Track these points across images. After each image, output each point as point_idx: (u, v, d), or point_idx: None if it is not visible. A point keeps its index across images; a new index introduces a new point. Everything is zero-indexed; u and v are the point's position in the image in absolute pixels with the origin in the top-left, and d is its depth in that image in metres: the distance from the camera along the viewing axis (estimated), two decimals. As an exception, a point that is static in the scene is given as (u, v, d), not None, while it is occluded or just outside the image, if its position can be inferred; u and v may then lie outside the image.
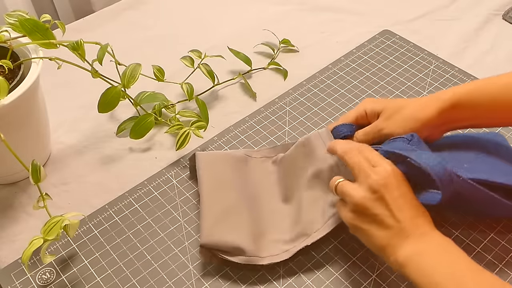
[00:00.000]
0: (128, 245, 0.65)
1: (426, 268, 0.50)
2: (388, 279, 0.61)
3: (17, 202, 0.71)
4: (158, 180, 0.72)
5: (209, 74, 0.82)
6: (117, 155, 0.76)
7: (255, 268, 0.62)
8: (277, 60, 0.91)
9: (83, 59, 0.66)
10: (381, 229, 0.54)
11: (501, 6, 1.01)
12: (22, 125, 0.66)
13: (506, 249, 0.63)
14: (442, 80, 0.86)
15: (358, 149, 0.58)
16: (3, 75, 0.64)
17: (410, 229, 0.53)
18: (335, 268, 0.62)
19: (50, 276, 0.62)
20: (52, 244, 0.65)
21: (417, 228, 0.53)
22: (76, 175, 0.74)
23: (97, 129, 0.80)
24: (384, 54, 0.92)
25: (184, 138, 0.72)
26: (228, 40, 0.94)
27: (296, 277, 0.62)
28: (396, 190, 0.54)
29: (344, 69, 0.89)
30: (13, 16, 0.65)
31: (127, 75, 0.71)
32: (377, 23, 0.99)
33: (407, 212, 0.53)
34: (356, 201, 0.54)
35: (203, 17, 1.03)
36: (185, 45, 0.89)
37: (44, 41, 0.63)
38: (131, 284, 0.61)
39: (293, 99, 0.84)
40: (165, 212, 0.69)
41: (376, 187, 0.53)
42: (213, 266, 0.62)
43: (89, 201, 0.70)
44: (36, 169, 0.58)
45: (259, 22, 1.00)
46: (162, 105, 0.79)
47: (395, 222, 0.53)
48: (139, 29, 1.00)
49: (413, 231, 0.53)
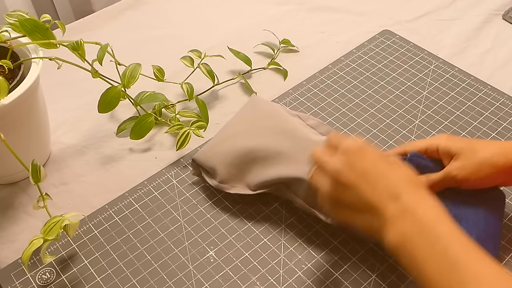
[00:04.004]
0: (128, 245, 0.65)
1: (416, 260, 0.46)
2: (388, 279, 0.61)
3: (17, 202, 0.71)
4: (158, 180, 0.72)
5: (209, 74, 0.82)
6: (117, 155, 0.76)
7: (255, 268, 0.62)
8: (277, 60, 0.91)
9: (83, 59, 0.66)
10: (359, 212, 0.51)
11: (501, 6, 1.01)
12: (22, 125, 0.66)
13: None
14: (442, 80, 0.86)
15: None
16: (3, 75, 0.64)
17: (388, 209, 0.48)
18: (335, 268, 0.62)
19: (50, 276, 0.62)
20: (52, 244, 0.65)
21: (396, 204, 0.48)
22: (76, 175, 0.74)
23: (97, 129, 0.80)
24: (384, 54, 0.92)
25: (185, 138, 0.72)
26: (228, 40, 0.94)
27: (296, 277, 0.62)
28: (367, 160, 0.52)
29: (344, 69, 0.89)
30: (13, 16, 0.65)
31: (127, 75, 0.71)
32: (377, 23, 0.99)
33: (381, 184, 0.50)
34: (330, 165, 0.53)
35: (203, 17, 1.03)
36: (185, 45, 0.89)
37: (44, 41, 0.63)
38: (131, 284, 0.61)
39: (293, 99, 0.84)
40: (165, 212, 0.69)
41: (348, 148, 0.52)
42: (213, 266, 0.63)
43: (89, 201, 0.70)
44: (36, 169, 0.58)
45: (259, 22, 1.00)
46: (162, 105, 0.79)
47: (369, 204, 0.49)
48: (139, 29, 1.00)
49: (392, 210, 0.48)
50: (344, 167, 0.52)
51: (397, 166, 0.52)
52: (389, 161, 0.52)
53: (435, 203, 0.49)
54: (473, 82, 0.85)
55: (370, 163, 0.52)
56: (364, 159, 0.52)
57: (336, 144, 0.54)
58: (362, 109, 0.82)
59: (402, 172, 0.51)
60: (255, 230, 0.66)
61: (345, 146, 0.53)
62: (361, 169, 0.51)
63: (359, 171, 0.51)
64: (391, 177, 0.50)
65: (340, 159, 0.52)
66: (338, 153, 0.53)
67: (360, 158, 0.52)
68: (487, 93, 0.83)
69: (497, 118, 0.79)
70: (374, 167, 0.51)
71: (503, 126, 0.78)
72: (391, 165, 0.52)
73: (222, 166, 0.67)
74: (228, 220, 0.67)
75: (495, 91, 0.84)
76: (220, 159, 0.67)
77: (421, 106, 0.82)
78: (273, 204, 0.69)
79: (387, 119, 0.80)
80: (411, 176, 0.51)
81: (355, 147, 0.53)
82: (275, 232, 0.66)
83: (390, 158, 0.53)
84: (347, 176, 0.51)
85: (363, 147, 0.53)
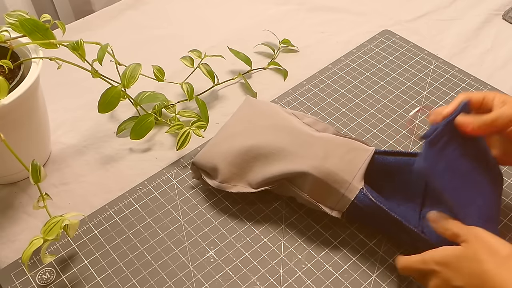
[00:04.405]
0: (128, 245, 0.65)
1: None
2: (388, 279, 0.61)
3: (17, 202, 0.71)
4: (158, 180, 0.72)
5: (209, 74, 0.82)
6: (117, 155, 0.76)
7: (255, 268, 0.62)
8: (277, 60, 0.91)
9: (83, 59, 0.66)
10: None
11: (501, 6, 1.01)
12: (22, 125, 0.66)
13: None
14: (442, 80, 0.86)
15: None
16: (3, 75, 0.64)
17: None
18: (335, 268, 0.62)
19: (50, 276, 0.62)
20: (52, 244, 0.65)
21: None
22: (76, 175, 0.74)
23: (97, 129, 0.80)
24: (384, 54, 0.92)
25: (185, 138, 0.72)
26: (228, 40, 0.94)
27: (296, 277, 0.62)
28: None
29: (344, 69, 0.89)
30: (13, 16, 0.65)
31: (127, 75, 0.71)
32: (377, 23, 0.99)
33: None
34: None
35: (203, 17, 1.03)
36: (185, 45, 0.89)
37: (44, 41, 0.63)
38: (131, 284, 0.61)
39: (293, 99, 0.84)
40: (165, 212, 0.69)
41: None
42: (213, 266, 0.63)
43: (89, 201, 0.70)
44: (36, 169, 0.58)
45: (259, 22, 1.00)
46: (162, 105, 0.79)
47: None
48: (139, 29, 1.00)
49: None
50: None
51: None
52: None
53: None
54: (473, 82, 0.85)
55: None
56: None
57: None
58: (362, 109, 0.82)
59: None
60: (255, 230, 0.66)
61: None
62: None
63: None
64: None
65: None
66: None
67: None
68: (487, 93, 0.83)
69: (497, 118, 0.79)
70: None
71: (503, 126, 0.78)
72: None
73: (223, 165, 0.67)
74: (228, 220, 0.67)
75: (495, 91, 0.84)
76: (221, 159, 0.67)
77: (421, 106, 0.82)
78: (273, 204, 0.69)
79: (387, 119, 0.80)
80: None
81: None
82: (275, 232, 0.66)
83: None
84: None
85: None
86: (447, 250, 0.54)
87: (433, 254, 0.54)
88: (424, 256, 0.55)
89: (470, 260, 0.51)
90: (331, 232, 0.66)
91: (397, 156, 0.65)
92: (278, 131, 0.69)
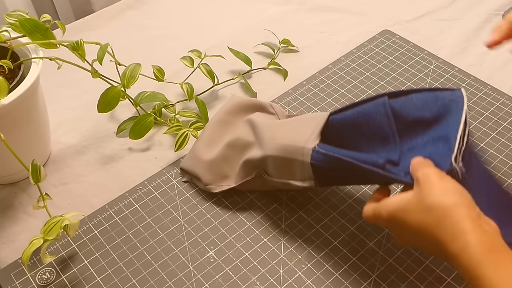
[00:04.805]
0: (128, 245, 0.65)
1: None
2: (388, 279, 0.61)
3: (17, 202, 0.71)
4: (158, 180, 0.72)
5: (209, 74, 0.82)
6: (117, 155, 0.76)
7: (255, 268, 0.62)
8: (277, 60, 0.91)
9: (83, 59, 0.66)
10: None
11: (501, 6, 1.01)
12: (22, 125, 0.66)
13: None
14: (442, 80, 0.86)
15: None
16: (3, 75, 0.64)
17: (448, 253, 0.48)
18: (335, 268, 0.62)
19: (50, 276, 0.62)
20: (52, 244, 0.65)
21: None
22: (76, 175, 0.74)
23: (97, 129, 0.80)
24: (384, 54, 0.92)
25: (183, 140, 0.72)
26: (228, 40, 0.94)
27: (296, 277, 0.62)
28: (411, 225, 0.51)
29: (344, 69, 0.89)
30: (13, 16, 0.65)
31: (127, 75, 0.71)
32: (377, 23, 0.99)
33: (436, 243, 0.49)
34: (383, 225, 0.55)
35: (203, 17, 1.03)
36: (185, 45, 0.89)
37: (44, 41, 0.63)
38: (131, 284, 0.61)
39: (293, 99, 0.84)
40: (165, 212, 0.69)
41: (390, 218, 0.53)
42: (213, 266, 0.63)
43: (89, 201, 0.70)
44: (36, 169, 0.58)
45: (259, 22, 1.00)
46: (162, 105, 0.79)
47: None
48: (139, 29, 1.00)
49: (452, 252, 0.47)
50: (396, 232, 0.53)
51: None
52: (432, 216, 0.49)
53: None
54: (473, 82, 0.85)
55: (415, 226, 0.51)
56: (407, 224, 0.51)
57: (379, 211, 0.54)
58: (362, 109, 0.82)
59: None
60: (255, 230, 0.66)
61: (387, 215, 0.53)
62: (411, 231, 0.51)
63: (412, 232, 0.51)
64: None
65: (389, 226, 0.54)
66: (384, 220, 0.53)
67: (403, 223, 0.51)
68: (487, 93, 0.83)
69: (497, 118, 0.79)
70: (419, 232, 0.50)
71: (503, 126, 0.78)
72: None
73: (203, 171, 0.70)
74: (228, 220, 0.67)
75: (495, 91, 0.84)
76: (201, 165, 0.70)
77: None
78: (273, 204, 0.69)
79: (387, 119, 0.80)
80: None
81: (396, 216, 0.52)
82: (275, 232, 0.66)
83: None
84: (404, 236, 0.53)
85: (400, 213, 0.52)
86: (393, 203, 0.52)
87: (380, 207, 0.53)
88: (375, 211, 0.54)
89: (413, 213, 0.50)
90: (331, 232, 0.66)
91: (354, 107, 0.62)
92: (247, 126, 0.70)
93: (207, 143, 0.72)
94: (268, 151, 0.63)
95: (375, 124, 0.60)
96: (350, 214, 0.68)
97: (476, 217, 0.47)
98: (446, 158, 0.53)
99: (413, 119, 0.59)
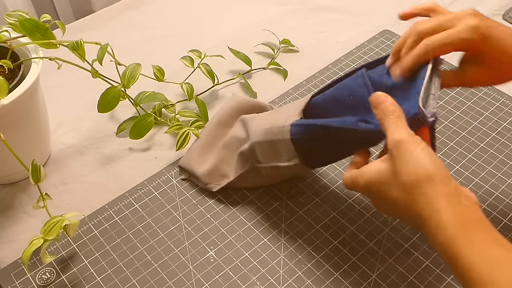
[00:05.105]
0: (128, 245, 0.65)
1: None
2: (388, 279, 0.61)
3: (17, 202, 0.71)
4: (158, 180, 0.72)
5: (209, 74, 0.82)
6: (117, 155, 0.76)
7: (255, 268, 0.62)
8: (277, 60, 0.91)
9: (83, 59, 0.66)
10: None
11: (501, 6, 1.01)
12: (22, 125, 0.66)
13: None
14: (442, 80, 0.86)
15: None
16: (3, 75, 0.64)
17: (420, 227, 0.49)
18: (335, 268, 0.62)
19: (50, 276, 0.62)
20: (52, 244, 0.65)
21: (423, 225, 0.48)
22: (76, 175, 0.74)
23: (97, 129, 0.80)
24: (384, 54, 0.91)
25: (184, 139, 0.72)
26: (228, 40, 0.94)
27: (296, 277, 0.62)
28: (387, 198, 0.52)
29: (344, 69, 0.89)
30: (13, 16, 0.65)
31: (127, 75, 0.71)
32: (377, 23, 0.99)
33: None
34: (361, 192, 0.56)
35: (203, 17, 1.03)
36: (185, 45, 0.89)
37: (44, 41, 0.63)
38: (131, 284, 0.61)
39: (293, 99, 0.84)
40: (165, 212, 0.69)
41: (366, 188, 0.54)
42: (213, 266, 0.63)
43: (89, 201, 0.70)
44: (36, 169, 0.58)
45: (259, 22, 1.00)
46: (162, 105, 0.79)
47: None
48: (139, 29, 1.00)
49: (423, 228, 0.48)
50: (373, 200, 0.54)
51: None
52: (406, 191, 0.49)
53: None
54: (473, 82, 0.85)
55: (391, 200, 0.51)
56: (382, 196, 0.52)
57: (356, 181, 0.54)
58: (362, 109, 0.82)
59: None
60: (255, 230, 0.66)
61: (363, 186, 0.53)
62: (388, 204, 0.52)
63: (388, 205, 0.52)
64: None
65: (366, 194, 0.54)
66: (361, 189, 0.54)
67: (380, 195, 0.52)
68: (487, 93, 0.83)
69: (497, 118, 0.79)
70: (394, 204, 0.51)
71: (503, 126, 0.78)
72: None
73: (202, 173, 0.70)
74: (228, 220, 0.67)
75: (495, 91, 0.84)
76: (200, 167, 0.70)
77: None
78: (273, 204, 0.69)
79: (387, 119, 0.80)
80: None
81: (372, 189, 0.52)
82: (275, 232, 0.66)
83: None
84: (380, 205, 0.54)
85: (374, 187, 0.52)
86: (369, 172, 0.52)
87: (358, 176, 0.53)
88: (352, 178, 0.54)
89: (389, 185, 0.50)
90: (331, 232, 0.66)
91: (334, 85, 0.63)
92: (239, 125, 0.71)
93: (206, 145, 0.72)
94: (255, 138, 0.64)
95: (356, 97, 0.60)
96: (350, 214, 0.68)
97: (453, 192, 0.47)
98: (413, 103, 0.53)
99: (392, 84, 0.59)
